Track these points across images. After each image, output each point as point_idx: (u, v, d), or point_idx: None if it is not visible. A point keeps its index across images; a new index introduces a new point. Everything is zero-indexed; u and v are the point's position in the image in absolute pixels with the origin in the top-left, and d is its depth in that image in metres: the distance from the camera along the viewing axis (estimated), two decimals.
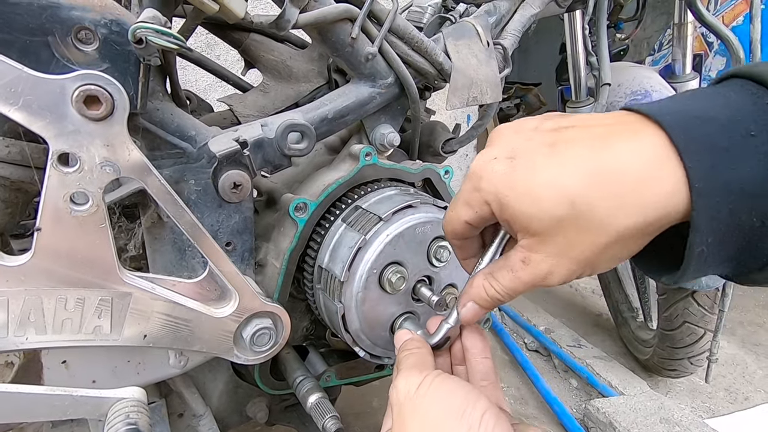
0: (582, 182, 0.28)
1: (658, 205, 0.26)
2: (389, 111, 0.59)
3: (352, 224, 0.49)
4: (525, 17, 0.66)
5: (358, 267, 0.46)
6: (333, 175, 0.56)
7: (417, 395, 0.31)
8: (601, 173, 0.27)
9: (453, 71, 0.57)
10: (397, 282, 0.47)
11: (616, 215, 0.27)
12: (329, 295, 0.48)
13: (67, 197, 0.32)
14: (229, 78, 0.74)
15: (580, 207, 0.27)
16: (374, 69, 0.53)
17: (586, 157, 0.28)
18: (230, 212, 0.50)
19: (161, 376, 0.42)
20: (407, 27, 0.53)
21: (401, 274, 0.48)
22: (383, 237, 0.46)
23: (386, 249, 0.46)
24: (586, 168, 0.28)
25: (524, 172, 0.29)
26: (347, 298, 0.47)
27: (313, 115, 0.51)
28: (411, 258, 0.48)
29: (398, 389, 0.32)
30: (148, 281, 0.37)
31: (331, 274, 0.48)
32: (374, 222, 0.47)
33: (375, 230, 0.46)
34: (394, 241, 0.47)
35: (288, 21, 0.43)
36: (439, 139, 0.69)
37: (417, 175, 0.60)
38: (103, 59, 0.37)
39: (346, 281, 0.46)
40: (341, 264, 0.46)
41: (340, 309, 0.47)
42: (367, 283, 0.46)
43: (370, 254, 0.45)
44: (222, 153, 0.41)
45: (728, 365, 1.42)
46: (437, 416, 0.30)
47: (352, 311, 0.48)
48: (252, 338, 0.43)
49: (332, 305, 0.48)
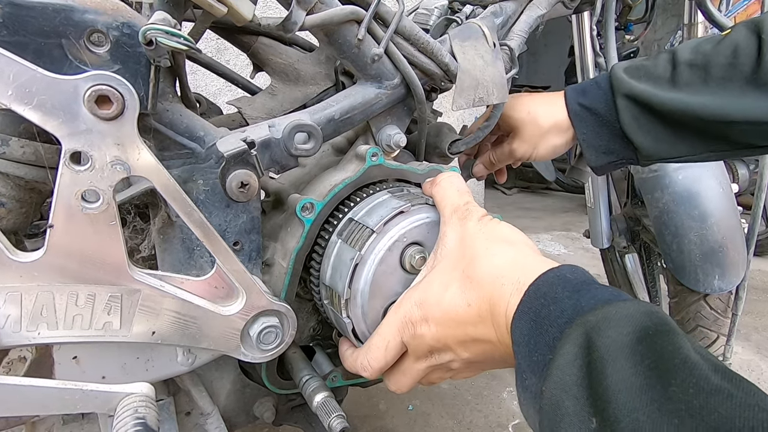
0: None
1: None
2: (395, 112, 0.59)
3: (347, 239, 0.50)
4: (532, 18, 0.66)
5: (359, 283, 0.47)
6: (340, 176, 0.56)
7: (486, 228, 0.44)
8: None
9: (459, 72, 0.57)
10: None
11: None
12: (336, 310, 0.49)
13: (78, 195, 0.33)
14: (238, 81, 0.75)
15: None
16: (380, 70, 0.53)
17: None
18: (238, 212, 0.50)
19: (169, 373, 0.43)
20: (413, 28, 0.53)
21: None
22: (378, 249, 0.47)
23: (386, 257, 0.47)
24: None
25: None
26: (354, 314, 0.48)
27: (320, 116, 0.52)
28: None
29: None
30: (157, 278, 0.37)
31: (334, 291, 0.49)
32: (367, 235, 0.47)
33: (369, 244, 0.47)
34: (394, 248, 0.47)
35: (295, 23, 0.44)
36: (446, 140, 0.69)
37: (423, 175, 0.60)
38: (115, 61, 0.37)
39: (350, 298, 0.47)
40: (342, 282, 0.47)
41: (349, 324, 0.48)
42: (371, 295, 0.47)
43: (368, 268, 0.46)
44: (230, 153, 0.42)
45: (742, 371, 1.40)
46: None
47: (361, 325, 0.49)
48: (259, 336, 0.43)
49: (341, 321, 0.49)
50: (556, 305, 0.33)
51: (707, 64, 0.53)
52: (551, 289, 0.35)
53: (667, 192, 0.95)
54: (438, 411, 1.16)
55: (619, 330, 0.29)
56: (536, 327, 0.34)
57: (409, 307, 0.44)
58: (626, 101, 0.56)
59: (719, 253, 0.91)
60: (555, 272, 0.36)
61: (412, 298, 0.45)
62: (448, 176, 0.51)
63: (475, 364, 0.44)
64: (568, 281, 0.35)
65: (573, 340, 0.30)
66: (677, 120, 0.54)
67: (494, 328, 0.38)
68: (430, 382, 0.49)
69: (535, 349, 0.33)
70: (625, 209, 1.34)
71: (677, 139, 0.55)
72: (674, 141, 0.55)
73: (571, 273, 0.36)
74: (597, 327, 0.29)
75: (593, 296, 0.33)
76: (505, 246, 0.42)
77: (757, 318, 1.73)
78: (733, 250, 0.91)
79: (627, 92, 0.56)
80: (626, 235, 1.37)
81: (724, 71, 0.51)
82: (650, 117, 0.56)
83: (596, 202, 1.27)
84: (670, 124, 0.55)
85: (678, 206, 0.94)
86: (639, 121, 0.56)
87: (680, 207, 0.93)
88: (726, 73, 0.51)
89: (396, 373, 0.47)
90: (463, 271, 0.42)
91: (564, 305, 0.33)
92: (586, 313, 0.31)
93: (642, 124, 0.56)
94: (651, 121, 0.56)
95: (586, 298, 0.33)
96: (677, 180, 0.94)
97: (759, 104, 0.49)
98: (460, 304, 0.41)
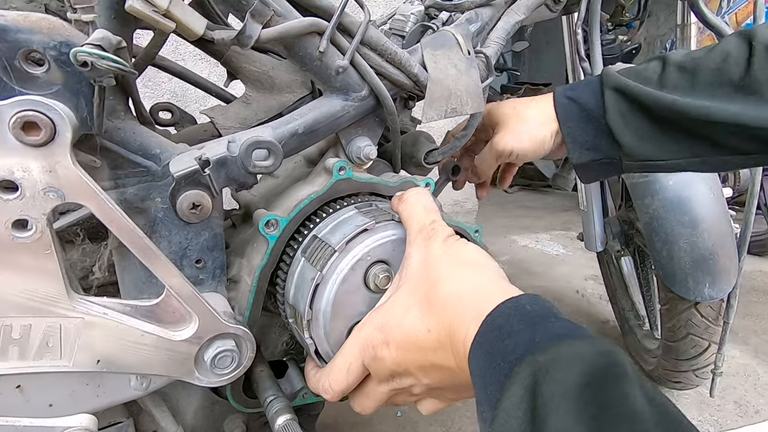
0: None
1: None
2: (366, 123, 0.58)
3: (309, 258, 0.49)
4: (509, 24, 0.64)
5: (320, 303, 0.46)
6: (307, 190, 0.55)
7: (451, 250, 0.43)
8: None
9: (429, 82, 0.55)
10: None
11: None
12: (299, 330, 0.48)
13: (8, 224, 0.32)
14: (211, 89, 0.74)
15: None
16: (346, 82, 0.52)
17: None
18: (199, 229, 0.49)
19: (122, 398, 0.42)
20: (380, 39, 0.52)
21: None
22: (340, 269, 0.45)
23: (348, 276, 0.46)
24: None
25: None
26: (316, 334, 0.47)
27: (283, 130, 0.50)
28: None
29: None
30: (100, 305, 0.36)
31: (296, 310, 0.48)
32: (329, 254, 0.46)
33: (330, 263, 0.45)
34: (357, 267, 0.46)
35: (249, 37, 0.43)
36: (422, 149, 0.67)
37: (395, 188, 0.59)
38: (55, 81, 0.36)
39: (311, 319, 0.46)
40: (303, 303, 0.46)
41: (311, 345, 0.47)
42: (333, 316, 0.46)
43: (330, 288, 0.45)
44: (179, 173, 0.41)
45: (739, 376, 1.38)
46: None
47: (324, 345, 0.48)
48: (213, 361, 0.42)
49: (304, 341, 0.48)
50: (510, 339, 0.32)
51: (696, 67, 0.52)
52: (507, 321, 0.34)
53: (657, 198, 0.93)
54: (426, 418, 1.15)
55: (568, 372, 0.28)
56: (490, 360, 0.33)
57: (370, 330, 0.43)
58: (614, 95, 0.55)
59: (710, 261, 0.89)
60: (513, 303, 0.35)
61: (374, 320, 0.44)
62: (415, 193, 0.50)
63: (437, 390, 0.43)
64: (525, 313, 0.34)
65: (520, 380, 0.29)
66: (664, 117, 0.52)
67: (453, 356, 0.37)
68: (396, 404, 0.47)
69: (489, 383, 0.32)
70: (619, 212, 1.32)
71: (663, 138, 0.53)
72: (659, 140, 0.53)
73: (530, 303, 0.35)
74: (545, 368, 0.28)
75: (548, 331, 0.32)
76: (468, 270, 0.41)
77: (757, 321, 1.70)
78: (723, 257, 0.89)
79: (615, 86, 0.55)
80: (620, 239, 1.35)
81: (712, 76, 0.50)
82: (637, 113, 0.54)
83: (589, 204, 1.25)
84: (656, 122, 0.53)
85: (668, 212, 0.92)
86: (626, 117, 0.54)
87: (670, 213, 0.91)
88: (714, 77, 0.50)
89: (359, 395, 0.46)
90: (424, 294, 0.41)
91: (518, 339, 0.32)
92: (537, 351, 0.30)
93: (629, 121, 0.54)
94: (638, 117, 0.54)
95: (540, 333, 0.32)
96: (668, 185, 0.92)
97: (745, 110, 0.48)
98: (420, 329, 0.39)
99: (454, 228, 0.61)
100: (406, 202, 0.49)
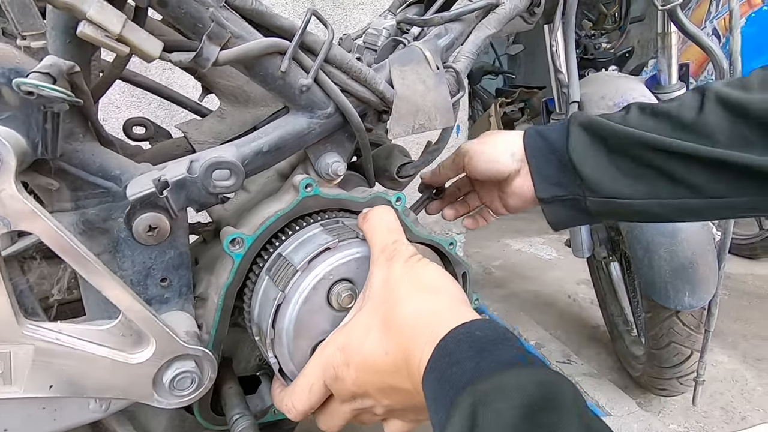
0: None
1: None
2: (335, 139, 0.58)
3: (273, 276, 0.49)
4: (480, 39, 0.64)
5: (283, 323, 0.46)
6: (274, 207, 0.55)
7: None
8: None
9: (396, 99, 0.55)
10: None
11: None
12: (264, 348, 0.48)
13: None
14: (186, 104, 0.74)
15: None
16: (311, 100, 0.52)
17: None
18: (164, 248, 0.49)
19: (81, 421, 0.42)
20: (344, 57, 0.52)
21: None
22: (302, 288, 0.46)
23: (311, 296, 0.46)
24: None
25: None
26: (280, 353, 0.47)
27: (247, 149, 0.50)
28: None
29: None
30: (51, 331, 0.36)
31: (261, 329, 0.48)
32: (291, 274, 0.46)
33: (293, 283, 0.46)
34: (319, 286, 0.46)
35: (207, 59, 0.43)
36: (395, 163, 0.67)
37: (365, 203, 0.59)
38: (6, 107, 0.36)
39: (274, 338, 0.46)
40: (266, 322, 0.46)
41: (275, 364, 0.47)
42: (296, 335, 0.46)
43: (292, 308, 0.45)
44: (135, 197, 0.41)
45: (727, 382, 1.38)
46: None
47: (289, 365, 0.48)
48: (172, 383, 0.42)
49: (269, 360, 0.48)
50: (458, 366, 0.33)
51: (654, 110, 0.54)
52: (457, 348, 0.34)
53: None
54: None
55: (507, 403, 0.28)
56: (440, 387, 0.33)
57: (332, 351, 0.43)
58: (578, 129, 0.56)
59: (689, 270, 0.89)
60: (465, 328, 0.35)
61: (336, 341, 0.44)
62: (379, 212, 0.50)
63: (398, 411, 0.43)
64: (475, 339, 0.34)
65: (461, 411, 0.29)
66: (622, 147, 0.53)
67: (409, 379, 0.38)
68: (362, 423, 0.48)
69: (439, 409, 0.32)
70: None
71: (621, 168, 0.53)
72: (619, 175, 0.54)
73: (481, 329, 0.35)
74: (485, 398, 0.29)
75: (495, 359, 0.32)
76: (427, 293, 0.41)
77: (746, 325, 1.70)
78: (703, 266, 0.89)
79: (581, 122, 0.57)
80: (607, 245, 1.35)
81: (669, 118, 0.52)
82: (598, 145, 0.55)
83: None
84: (615, 152, 0.54)
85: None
86: (587, 149, 0.55)
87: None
88: (671, 119, 0.52)
89: (323, 414, 0.47)
90: (384, 315, 0.41)
91: (465, 367, 0.32)
92: (479, 380, 0.30)
93: (589, 153, 0.55)
94: (598, 148, 0.55)
95: (487, 361, 0.32)
96: None
97: (698, 146, 0.49)
98: (378, 352, 0.40)
99: (428, 242, 0.61)
100: (369, 221, 0.49)
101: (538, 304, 1.93)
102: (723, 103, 0.49)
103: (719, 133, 0.48)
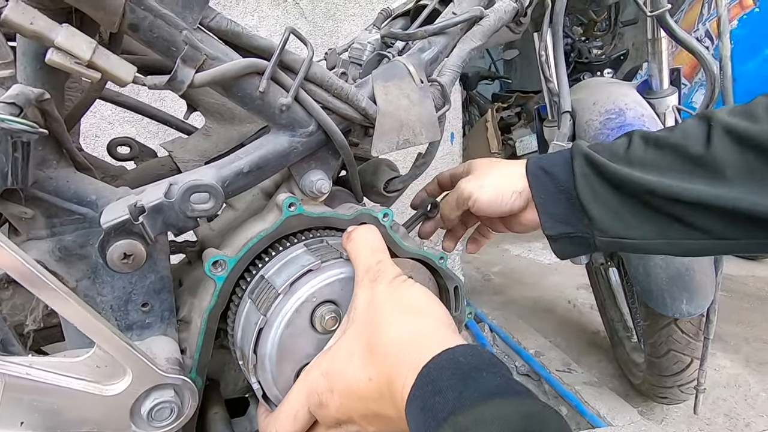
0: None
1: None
2: (319, 156, 0.57)
3: (255, 300, 0.48)
4: (465, 51, 0.63)
5: (265, 348, 0.45)
6: (257, 227, 0.54)
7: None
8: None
9: (378, 115, 0.55)
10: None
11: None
12: (247, 373, 0.47)
13: None
14: (171, 122, 0.73)
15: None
16: (292, 118, 0.51)
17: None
18: (144, 273, 0.48)
19: None
20: (324, 74, 0.51)
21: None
22: (284, 312, 0.45)
23: (293, 319, 0.45)
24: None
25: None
26: (263, 378, 0.46)
27: (227, 171, 0.49)
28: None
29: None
30: (22, 366, 0.35)
31: (243, 353, 0.47)
32: (273, 297, 0.45)
33: (275, 307, 0.45)
34: (302, 309, 0.45)
35: (182, 82, 0.42)
36: (382, 178, 0.67)
37: (351, 221, 0.58)
38: None
39: (257, 363, 0.45)
40: (248, 347, 0.45)
41: (258, 390, 0.47)
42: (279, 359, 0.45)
43: (274, 332, 0.45)
44: (108, 224, 0.40)
45: (730, 387, 1.36)
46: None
47: (273, 390, 0.47)
48: (150, 413, 0.41)
49: (252, 385, 0.47)
50: (441, 396, 0.32)
51: (658, 141, 0.52)
52: (439, 376, 0.33)
53: None
54: None
55: None
56: (423, 416, 0.32)
57: (316, 376, 0.42)
58: (583, 168, 0.54)
59: (686, 277, 0.87)
60: (448, 355, 0.34)
61: (320, 366, 0.43)
62: (362, 231, 0.49)
63: None
64: (458, 366, 0.33)
65: None
66: (632, 194, 0.51)
67: (393, 406, 0.37)
68: None
69: None
70: None
71: (632, 213, 0.51)
72: (629, 216, 0.52)
73: (464, 356, 0.34)
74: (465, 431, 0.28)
75: (477, 388, 0.31)
76: (411, 316, 0.40)
77: (748, 328, 1.69)
78: (700, 272, 0.88)
79: (587, 157, 0.54)
80: (604, 251, 1.34)
81: (674, 151, 0.50)
82: (606, 188, 0.53)
83: None
84: (625, 197, 0.52)
85: None
86: (595, 191, 0.53)
87: None
88: (677, 152, 0.50)
89: None
90: (367, 339, 0.40)
91: (447, 397, 0.31)
92: (460, 412, 0.29)
93: (598, 195, 0.53)
94: (607, 192, 0.53)
95: (470, 390, 0.31)
96: None
97: (708, 189, 0.47)
98: (361, 378, 0.39)
99: (417, 257, 0.60)
100: (353, 241, 0.48)
101: (537, 311, 1.92)
102: (730, 135, 0.47)
103: (729, 167, 0.46)
